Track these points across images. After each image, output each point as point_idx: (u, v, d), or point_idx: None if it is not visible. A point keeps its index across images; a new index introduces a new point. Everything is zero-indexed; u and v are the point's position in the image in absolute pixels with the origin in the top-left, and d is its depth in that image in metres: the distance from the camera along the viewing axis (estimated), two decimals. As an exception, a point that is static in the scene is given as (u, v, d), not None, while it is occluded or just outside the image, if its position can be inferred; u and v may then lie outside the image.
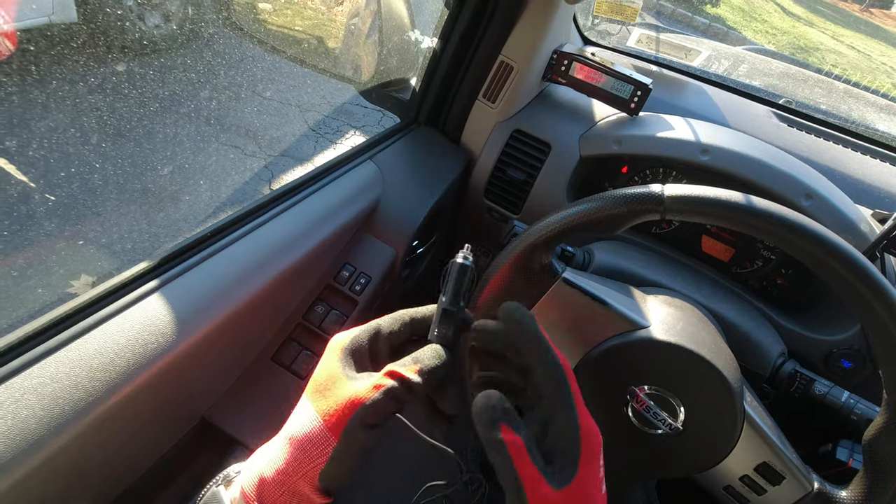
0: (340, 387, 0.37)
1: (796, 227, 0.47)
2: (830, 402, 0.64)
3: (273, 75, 2.62)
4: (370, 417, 0.36)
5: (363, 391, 0.36)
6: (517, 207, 0.96)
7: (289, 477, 0.36)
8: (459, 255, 0.40)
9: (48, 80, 1.60)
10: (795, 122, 0.95)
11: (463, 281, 0.39)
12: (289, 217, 0.73)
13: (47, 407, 0.46)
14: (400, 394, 0.37)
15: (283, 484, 0.37)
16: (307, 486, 0.37)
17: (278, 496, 0.36)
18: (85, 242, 1.51)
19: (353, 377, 0.38)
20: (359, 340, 0.40)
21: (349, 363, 0.39)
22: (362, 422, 0.36)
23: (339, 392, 0.37)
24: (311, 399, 0.38)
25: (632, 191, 0.52)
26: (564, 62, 0.92)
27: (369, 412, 0.36)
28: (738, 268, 0.85)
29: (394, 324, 0.41)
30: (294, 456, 0.37)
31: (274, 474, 0.37)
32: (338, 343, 0.40)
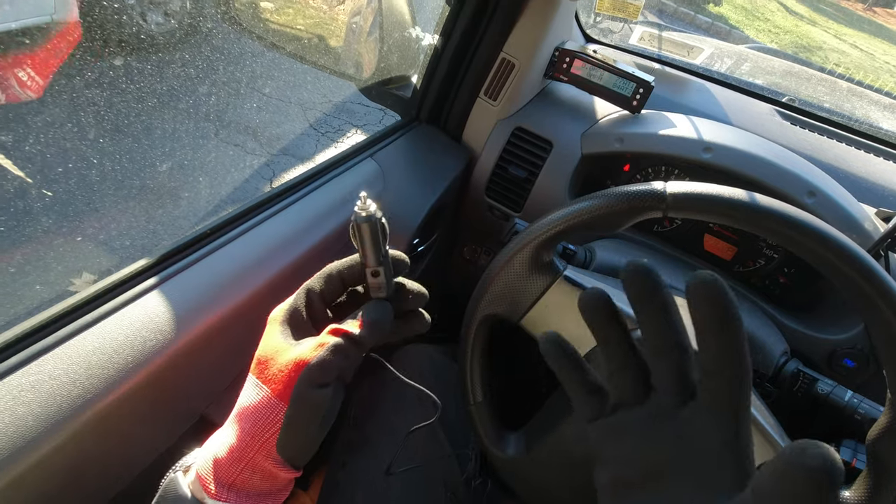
0: (283, 354, 0.36)
1: (799, 225, 0.47)
2: (833, 401, 0.63)
3: (274, 73, 2.62)
4: (318, 376, 0.35)
5: (307, 352, 0.35)
6: (518, 205, 0.95)
7: (243, 453, 0.35)
8: (362, 212, 0.36)
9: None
10: (798, 121, 0.94)
11: (376, 236, 0.36)
12: (289, 215, 0.72)
13: (45, 404, 0.45)
14: (346, 348, 0.35)
15: (239, 461, 0.35)
16: (266, 460, 0.36)
17: (237, 474, 0.35)
18: (83, 239, 1.50)
19: (296, 343, 0.37)
20: (293, 307, 0.39)
21: (288, 332, 0.38)
22: (310, 381, 0.35)
23: (282, 359, 0.36)
24: (254, 373, 0.37)
25: (634, 188, 0.52)
26: (566, 59, 0.91)
27: (316, 370, 0.35)
28: (740, 266, 0.85)
29: (322, 282, 0.39)
30: (244, 430, 0.36)
31: (227, 453, 0.36)
32: (274, 316, 0.39)
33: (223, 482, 0.35)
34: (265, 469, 0.36)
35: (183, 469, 0.38)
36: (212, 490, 0.35)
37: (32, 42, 1.70)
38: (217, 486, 0.35)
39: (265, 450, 0.35)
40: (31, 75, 1.70)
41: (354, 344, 0.36)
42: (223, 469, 0.35)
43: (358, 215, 0.36)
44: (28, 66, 1.69)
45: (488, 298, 0.61)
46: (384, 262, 0.37)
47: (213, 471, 0.36)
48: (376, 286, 0.38)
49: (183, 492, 0.36)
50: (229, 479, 0.35)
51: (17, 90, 1.67)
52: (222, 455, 0.36)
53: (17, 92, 1.67)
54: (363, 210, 0.36)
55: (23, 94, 1.69)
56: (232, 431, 0.36)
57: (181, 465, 0.38)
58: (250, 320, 0.65)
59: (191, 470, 0.37)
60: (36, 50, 1.71)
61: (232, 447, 0.36)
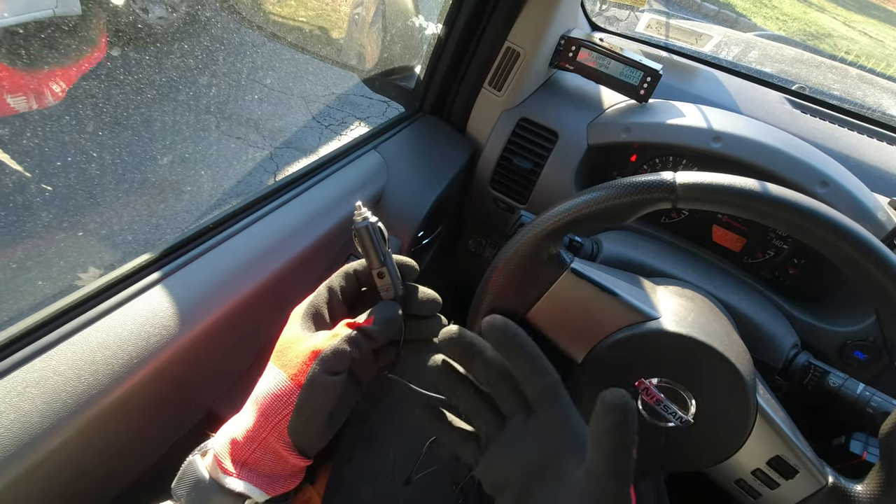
0: (300, 343, 0.39)
1: (813, 215, 0.46)
2: (845, 394, 0.62)
3: (275, 64, 2.60)
4: (331, 363, 0.37)
5: (323, 341, 0.38)
6: (524, 197, 0.94)
7: (258, 433, 0.38)
8: (358, 218, 0.40)
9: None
10: (809, 109, 0.93)
11: (374, 240, 0.40)
12: (292, 208, 0.72)
13: (50, 401, 0.45)
14: (358, 340, 0.38)
15: (254, 441, 0.38)
16: (277, 442, 0.38)
17: (250, 454, 0.38)
18: (85, 234, 1.50)
19: (313, 334, 0.40)
20: (315, 304, 0.42)
21: (308, 325, 0.41)
22: (324, 367, 0.37)
23: (299, 348, 0.39)
24: (273, 362, 0.40)
25: (643, 178, 0.51)
26: (572, 48, 0.90)
27: (329, 358, 0.37)
28: (749, 258, 0.84)
29: (342, 280, 0.43)
30: (261, 412, 0.38)
31: (244, 433, 0.38)
32: (296, 311, 0.42)
33: (237, 460, 0.38)
34: (276, 451, 0.38)
35: (201, 453, 0.40)
36: (227, 467, 0.37)
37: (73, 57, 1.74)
38: (232, 464, 0.37)
39: (277, 431, 0.38)
40: (63, 87, 1.74)
41: (366, 337, 0.39)
42: (238, 448, 0.38)
43: (355, 222, 0.40)
44: (60, 79, 1.73)
45: (493, 292, 0.60)
46: (387, 263, 0.41)
47: (230, 450, 0.38)
48: (383, 287, 0.41)
49: (201, 473, 0.38)
50: (242, 457, 0.38)
51: (50, 100, 1.71)
52: (239, 436, 0.38)
53: (49, 101, 1.72)
54: (359, 216, 0.40)
55: (51, 102, 1.72)
56: (249, 414, 0.39)
57: (200, 448, 0.40)
58: (256, 314, 0.64)
59: (208, 453, 0.39)
60: (71, 65, 1.75)
61: (248, 428, 0.38)
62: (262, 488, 0.38)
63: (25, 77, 1.65)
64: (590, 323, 0.58)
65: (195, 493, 0.37)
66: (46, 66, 1.69)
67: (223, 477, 0.37)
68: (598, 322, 0.57)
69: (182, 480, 0.38)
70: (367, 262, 0.41)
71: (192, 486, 0.38)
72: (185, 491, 0.38)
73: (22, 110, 1.62)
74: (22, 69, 1.61)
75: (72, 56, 1.74)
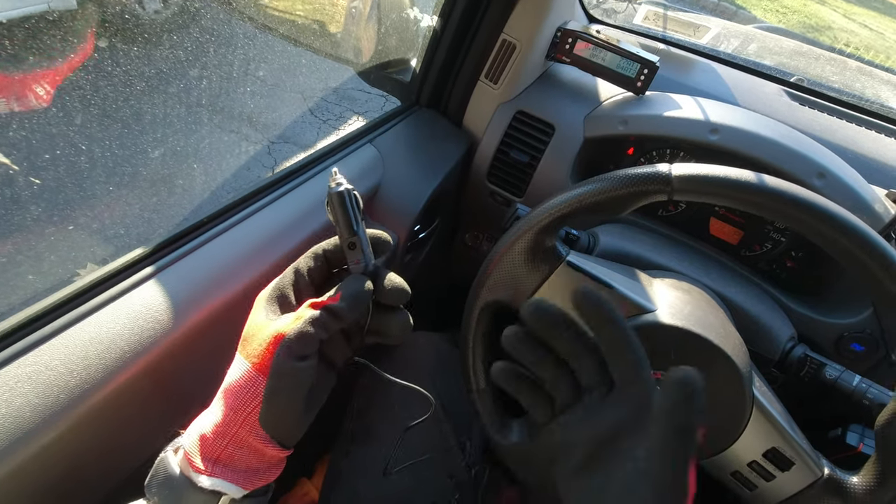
0: (264, 329, 0.37)
1: (809, 207, 0.46)
2: (841, 386, 0.62)
3: (267, 56, 2.58)
4: (297, 347, 0.35)
5: (286, 325, 0.36)
6: (520, 191, 0.94)
7: (228, 428, 0.36)
8: (332, 183, 0.38)
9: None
10: (807, 101, 0.92)
11: (346, 207, 0.38)
12: (287, 202, 0.71)
13: (42, 395, 0.45)
14: (324, 320, 0.36)
15: (224, 436, 0.36)
16: (250, 435, 0.36)
17: (222, 449, 0.36)
18: (75, 228, 1.48)
19: (276, 318, 0.38)
20: (280, 286, 0.40)
21: (273, 309, 0.39)
22: (289, 353, 0.35)
23: (263, 334, 0.36)
24: (239, 352, 0.38)
25: (638, 171, 0.50)
26: (569, 40, 0.89)
27: (294, 342, 0.35)
28: (746, 251, 0.84)
29: (310, 260, 0.41)
30: (229, 405, 0.36)
31: (213, 429, 0.36)
32: (261, 295, 0.40)
33: (208, 457, 0.36)
34: (250, 445, 0.36)
35: (174, 449, 0.39)
36: (198, 465, 0.36)
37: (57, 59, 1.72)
38: (203, 461, 0.36)
39: (248, 425, 0.36)
40: (47, 89, 1.72)
41: (332, 315, 0.36)
42: (208, 445, 0.36)
43: (330, 188, 0.38)
44: (46, 82, 1.71)
45: (490, 285, 0.60)
46: (359, 233, 0.38)
47: (200, 447, 0.36)
48: (353, 259, 0.39)
49: (172, 469, 0.37)
50: (213, 454, 0.36)
51: (33, 102, 1.69)
52: (208, 431, 0.36)
53: (33, 104, 1.70)
54: (333, 181, 0.38)
55: (36, 105, 1.71)
56: (217, 408, 0.37)
57: (172, 445, 0.39)
58: (249, 309, 0.64)
59: (180, 449, 0.38)
60: (56, 66, 1.73)
61: (216, 423, 0.36)
62: (239, 484, 0.36)
63: (7, 79, 1.64)
64: (586, 316, 0.58)
65: (167, 490, 0.36)
66: (30, 67, 1.68)
67: (194, 475, 0.36)
68: (593, 315, 0.57)
69: (154, 478, 0.37)
70: (338, 231, 0.38)
71: (163, 483, 0.36)
72: (158, 488, 0.36)
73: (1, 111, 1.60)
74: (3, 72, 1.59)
75: (58, 57, 1.72)
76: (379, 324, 0.40)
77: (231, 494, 0.36)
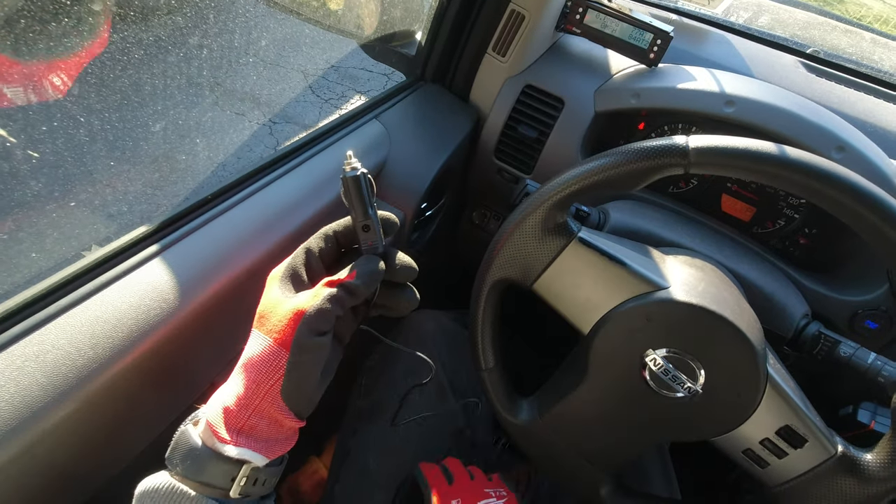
0: (283, 305, 0.38)
1: (832, 178, 0.44)
2: (856, 364, 0.61)
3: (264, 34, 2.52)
4: (316, 323, 0.37)
5: (305, 302, 0.37)
6: (529, 167, 0.92)
7: (251, 400, 0.38)
8: (348, 168, 0.39)
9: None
10: (825, 73, 0.89)
11: (363, 190, 0.40)
12: (293, 178, 0.70)
13: (50, 374, 0.45)
14: (341, 297, 0.38)
15: (247, 407, 0.38)
16: (272, 407, 0.38)
17: (245, 420, 0.38)
18: (77, 204, 1.46)
19: (294, 296, 0.39)
20: (293, 265, 0.41)
21: (287, 287, 0.40)
22: (310, 328, 0.37)
23: (282, 310, 0.38)
24: (256, 328, 0.39)
25: (654, 143, 0.49)
26: (579, 9, 0.86)
27: (314, 317, 0.37)
28: (759, 228, 0.82)
29: (321, 241, 0.42)
30: (251, 378, 0.38)
31: (236, 401, 0.38)
32: (274, 274, 0.41)
33: (233, 427, 0.37)
34: (271, 415, 0.38)
35: (193, 422, 0.40)
36: (223, 435, 0.37)
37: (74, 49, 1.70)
38: (228, 432, 0.37)
39: (270, 396, 0.38)
40: (64, 79, 1.71)
41: (348, 293, 0.38)
42: (232, 416, 0.38)
43: (344, 171, 0.39)
44: (62, 71, 1.70)
45: (499, 262, 0.59)
46: (372, 216, 0.40)
47: (224, 418, 0.38)
48: (366, 240, 0.40)
49: (194, 441, 0.38)
50: (238, 424, 0.38)
51: (50, 93, 1.68)
52: (231, 403, 0.38)
53: (49, 94, 1.69)
54: (348, 165, 0.40)
55: (51, 97, 1.69)
56: (239, 381, 0.38)
57: (191, 419, 0.40)
58: (255, 286, 0.63)
59: (201, 421, 0.39)
60: (73, 56, 1.72)
61: (240, 395, 0.38)
62: (262, 452, 0.38)
63: (25, 68, 1.62)
64: (597, 293, 0.57)
65: (190, 461, 0.37)
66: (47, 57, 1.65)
67: (219, 445, 0.37)
68: (606, 292, 0.56)
69: (176, 450, 0.38)
70: (352, 215, 0.40)
71: (186, 455, 0.38)
72: (180, 459, 0.38)
73: (21, 103, 1.59)
74: (20, 60, 1.57)
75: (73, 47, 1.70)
76: (386, 299, 0.43)
77: (255, 462, 0.38)
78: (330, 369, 0.41)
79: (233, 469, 0.38)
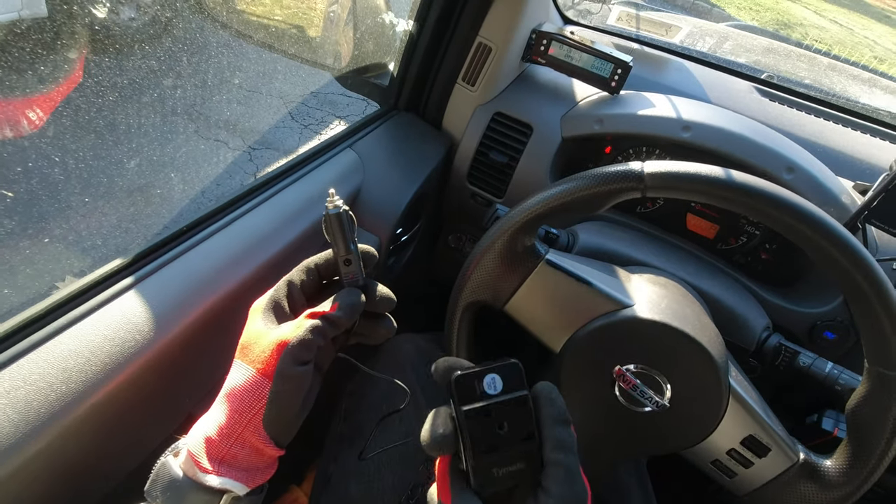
0: (266, 336, 0.39)
1: (775, 200, 0.47)
2: (814, 373, 0.64)
3: (243, 64, 2.56)
4: (299, 353, 0.38)
5: (288, 333, 0.38)
6: (501, 191, 0.95)
7: (233, 430, 0.38)
8: (330, 205, 0.41)
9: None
10: (777, 97, 0.95)
11: (344, 226, 0.41)
12: (267, 209, 0.71)
13: (21, 410, 0.44)
14: (323, 328, 0.39)
15: (229, 437, 0.38)
16: (254, 436, 0.38)
17: (227, 449, 0.38)
18: (51, 240, 1.46)
19: (276, 327, 0.40)
20: (275, 297, 0.42)
21: (270, 318, 0.41)
22: (293, 358, 0.38)
23: (265, 341, 0.39)
24: (239, 358, 0.40)
25: (612, 169, 0.52)
26: (543, 42, 0.90)
27: (297, 348, 0.38)
28: (722, 244, 0.86)
29: (302, 274, 0.43)
30: (234, 408, 0.38)
31: (218, 431, 0.38)
32: (256, 306, 0.42)
33: (215, 457, 0.38)
34: (252, 444, 0.38)
35: (174, 453, 0.40)
36: (205, 465, 0.37)
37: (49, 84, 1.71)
38: (210, 462, 0.38)
39: (252, 426, 0.38)
40: (39, 114, 1.72)
41: (330, 324, 0.39)
42: (214, 445, 0.38)
43: (327, 208, 0.41)
44: (37, 107, 1.71)
45: (471, 286, 0.61)
46: (353, 250, 0.42)
47: (206, 448, 0.38)
48: (348, 273, 0.42)
49: (175, 473, 0.38)
50: (220, 454, 0.38)
51: (26, 128, 1.69)
52: (213, 433, 0.38)
53: (25, 130, 1.69)
54: (331, 203, 0.41)
55: (27, 131, 1.70)
56: (221, 411, 0.39)
57: (171, 450, 0.41)
58: (232, 317, 0.64)
59: (181, 452, 0.40)
60: (48, 91, 1.73)
61: (221, 425, 0.38)
62: (243, 482, 0.38)
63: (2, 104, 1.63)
64: (566, 312, 0.59)
65: (171, 492, 0.37)
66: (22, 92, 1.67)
67: (201, 475, 0.37)
68: (574, 311, 0.58)
69: (156, 482, 0.38)
70: (334, 249, 0.42)
71: (167, 487, 0.38)
72: (160, 492, 0.38)
73: None
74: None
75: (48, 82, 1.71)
76: (365, 328, 0.44)
77: (236, 492, 0.38)
78: (310, 398, 0.41)
79: (213, 499, 0.38)
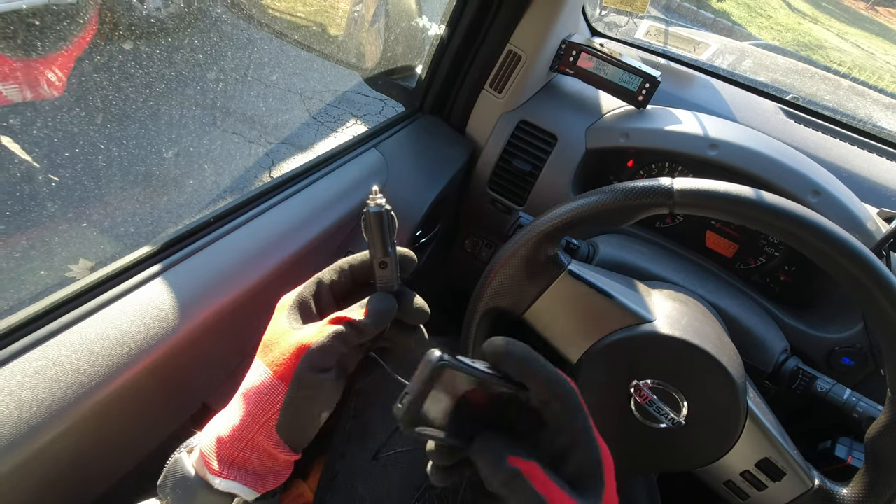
0: (287, 338, 0.37)
1: (806, 224, 0.47)
2: (832, 399, 0.64)
3: (278, 60, 2.59)
4: (319, 360, 0.36)
5: (309, 337, 0.36)
6: (521, 199, 0.95)
7: (245, 432, 0.36)
8: (372, 203, 0.38)
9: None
10: (803, 119, 0.94)
11: (384, 227, 0.38)
12: (292, 204, 0.72)
13: (49, 390, 0.45)
14: (347, 335, 0.36)
15: (241, 440, 0.36)
16: (266, 441, 0.37)
17: (237, 452, 0.36)
18: (88, 225, 1.49)
19: (300, 328, 0.38)
20: (303, 295, 0.40)
21: (295, 317, 0.39)
22: (311, 365, 0.35)
23: (286, 342, 0.37)
24: (259, 356, 0.38)
25: (641, 184, 0.52)
26: (573, 53, 0.91)
27: (317, 354, 0.35)
28: (741, 264, 0.85)
29: (334, 274, 0.41)
30: (247, 410, 0.37)
31: (230, 432, 0.37)
32: (283, 302, 0.40)
33: (224, 459, 0.36)
34: (264, 449, 0.37)
35: (187, 450, 0.39)
36: (214, 467, 0.36)
37: (64, 41, 1.72)
38: (219, 463, 0.36)
39: (265, 430, 0.36)
40: (59, 75, 1.72)
41: (355, 331, 0.37)
42: (225, 447, 0.37)
43: (368, 206, 0.37)
44: (56, 67, 1.71)
45: (491, 291, 0.61)
46: (392, 254, 0.38)
47: (216, 449, 0.37)
48: (383, 278, 0.39)
49: (187, 470, 0.37)
50: (229, 456, 0.36)
51: (46, 90, 1.69)
52: (225, 434, 0.37)
53: (45, 92, 1.69)
54: (373, 200, 0.37)
55: (48, 94, 1.70)
56: (236, 411, 0.37)
57: (185, 446, 0.40)
58: (253, 310, 0.65)
59: (195, 450, 0.38)
60: (64, 49, 1.73)
61: (234, 426, 0.37)
62: (252, 486, 0.37)
63: (18, 65, 1.64)
64: (585, 324, 0.59)
65: (181, 490, 0.37)
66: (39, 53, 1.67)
67: (211, 477, 0.36)
68: (593, 323, 0.58)
69: (168, 478, 0.38)
70: (371, 250, 0.39)
71: (177, 484, 0.37)
72: (171, 488, 0.37)
73: (16, 100, 1.60)
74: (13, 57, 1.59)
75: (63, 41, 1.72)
76: (394, 336, 0.41)
77: (243, 496, 0.37)
78: (329, 403, 0.39)
79: (222, 502, 0.37)
